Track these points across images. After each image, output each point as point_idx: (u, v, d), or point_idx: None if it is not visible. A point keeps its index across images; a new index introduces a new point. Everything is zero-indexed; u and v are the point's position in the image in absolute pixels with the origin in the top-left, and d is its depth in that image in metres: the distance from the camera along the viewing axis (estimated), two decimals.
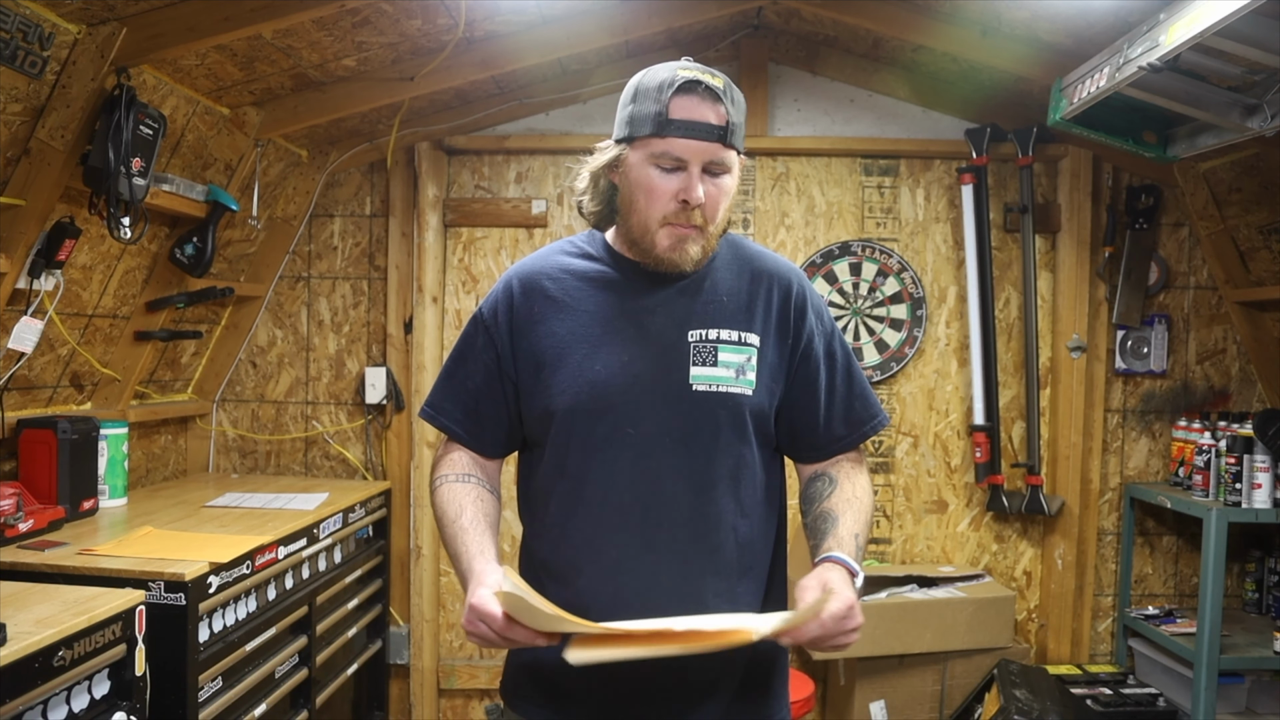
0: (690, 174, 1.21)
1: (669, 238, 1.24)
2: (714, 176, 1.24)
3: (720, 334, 1.27)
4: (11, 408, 2.31)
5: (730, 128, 1.22)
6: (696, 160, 1.21)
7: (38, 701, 1.48)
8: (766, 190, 3.22)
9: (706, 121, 1.20)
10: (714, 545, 1.27)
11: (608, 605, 1.23)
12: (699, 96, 1.21)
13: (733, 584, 1.28)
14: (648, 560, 1.24)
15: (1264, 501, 2.68)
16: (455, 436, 1.37)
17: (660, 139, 1.21)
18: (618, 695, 1.25)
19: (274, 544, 2.24)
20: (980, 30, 2.63)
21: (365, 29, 2.34)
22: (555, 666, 1.27)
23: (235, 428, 3.27)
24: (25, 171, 1.99)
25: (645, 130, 1.22)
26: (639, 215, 1.26)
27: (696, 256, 1.26)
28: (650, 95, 1.23)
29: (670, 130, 1.20)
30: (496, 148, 3.20)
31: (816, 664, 3.04)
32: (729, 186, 1.26)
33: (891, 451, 3.24)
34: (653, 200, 1.23)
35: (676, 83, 1.21)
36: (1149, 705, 2.80)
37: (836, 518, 1.28)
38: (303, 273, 3.27)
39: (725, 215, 1.28)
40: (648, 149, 1.23)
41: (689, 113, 1.20)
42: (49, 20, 1.84)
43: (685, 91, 1.21)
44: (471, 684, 3.19)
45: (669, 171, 1.22)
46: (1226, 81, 2.17)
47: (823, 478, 1.36)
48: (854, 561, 1.22)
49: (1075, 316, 3.15)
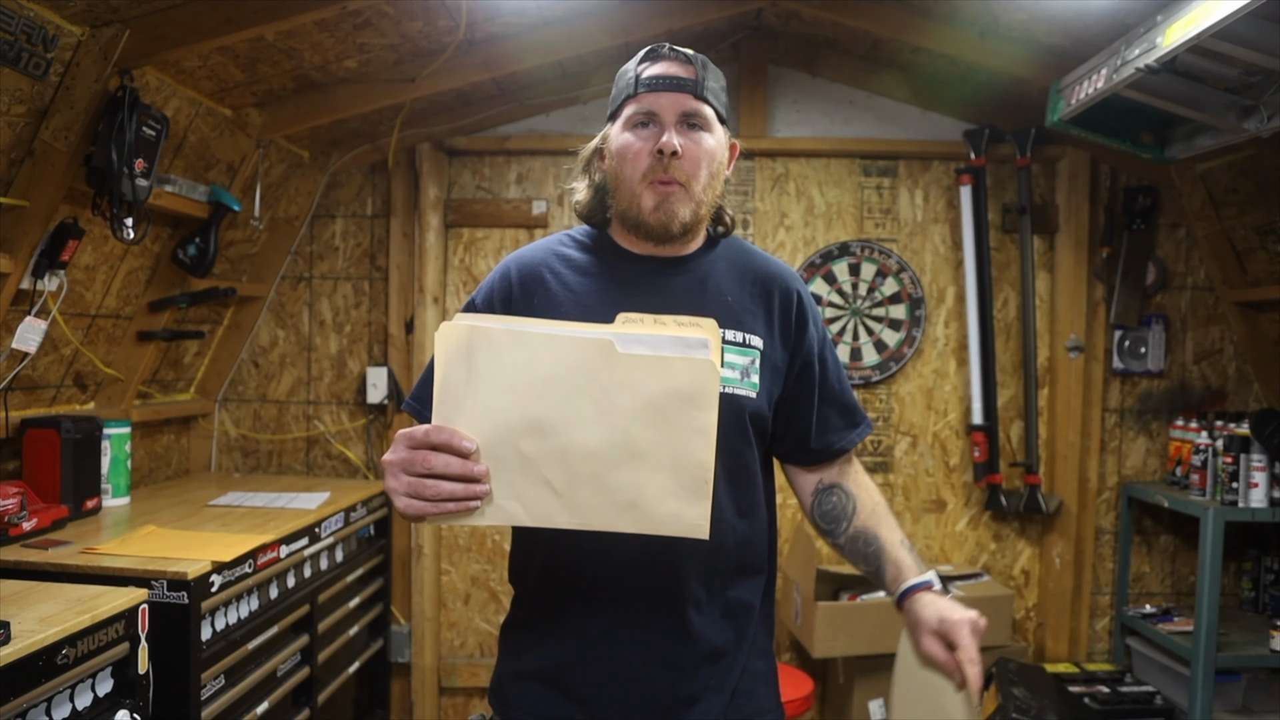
0: (664, 124, 1.24)
1: (653, 197, 1.24)
2: (691, 131, 1.25)
3: (726, 335, 1.26)
4: (15, 407, 2.32)
5: (701, 82, 1.25)
6: (669, 111, 1.24)
7: (41, 699, 1.50)
8: (766, 191, 3.23)
9: (675, 75, 1.25)
10: (712, 545, 1.27)
11: (605, 602, 1.24)
12: (667, 58, 1.27)
13: (730, 582, 1.29)
14: (644, 558, 1.25)
15: (1260, 500, 2.68)
16: None
17: (633, 99, 1.26)
18: (608, 701, 1.25)
19: (276, 543, 2.25)
20: (978, 32, 2.64)
21: (367, 30, 2.35)
22: (550, 674, 1.28)
23: (237, 427, 3.28)
24: (29, 172, 2.00)
25: (622, 99, 1.28)
26: (624, 184, 1.27)
27: (685, 219, 1.25)
28: (626, 71, 1.30)
29: (640, 88, 1.25)
30: (497, 149, 3.21)
31: (815, 663, 3.05)
32: (710, 145, 1.26)
33: (890, 451, 3.25)
34: (633, 161, 1.25)
35: (646, 50, 1.29)
36: (1146, 703, 2.81)
37: (879, 538, 1.32)
38: (305, 273, 3.28)
39: (714, 182, 1.28)
40: (624, 114, 1.27)
41: (658, 70, 1.26)
42: (53, 22, 1.85)
43: (653, 56, 1.28)
44: (473, 682, 3.20)
45: (645, 128, 1.25)
46: (1223, 83, 2.18)
47: (836, 491, 1.37)
48: (926, 575, 1.26)
49: (1073, 316, 3.16)
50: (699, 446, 1.04)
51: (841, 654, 2.87)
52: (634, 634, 1.24)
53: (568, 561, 1.27)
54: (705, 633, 1.26)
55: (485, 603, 3.26)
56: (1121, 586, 3.20)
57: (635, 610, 1.24)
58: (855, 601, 2.89)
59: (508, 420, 1.04)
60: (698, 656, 1.25)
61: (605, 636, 1.25)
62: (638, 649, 1.24)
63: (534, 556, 1.33)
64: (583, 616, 1.26)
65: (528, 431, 1.04)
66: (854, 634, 2.83)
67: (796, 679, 2.72)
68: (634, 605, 1.24)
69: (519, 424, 1.04)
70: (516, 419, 1.04)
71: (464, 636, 3.26)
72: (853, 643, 2.83)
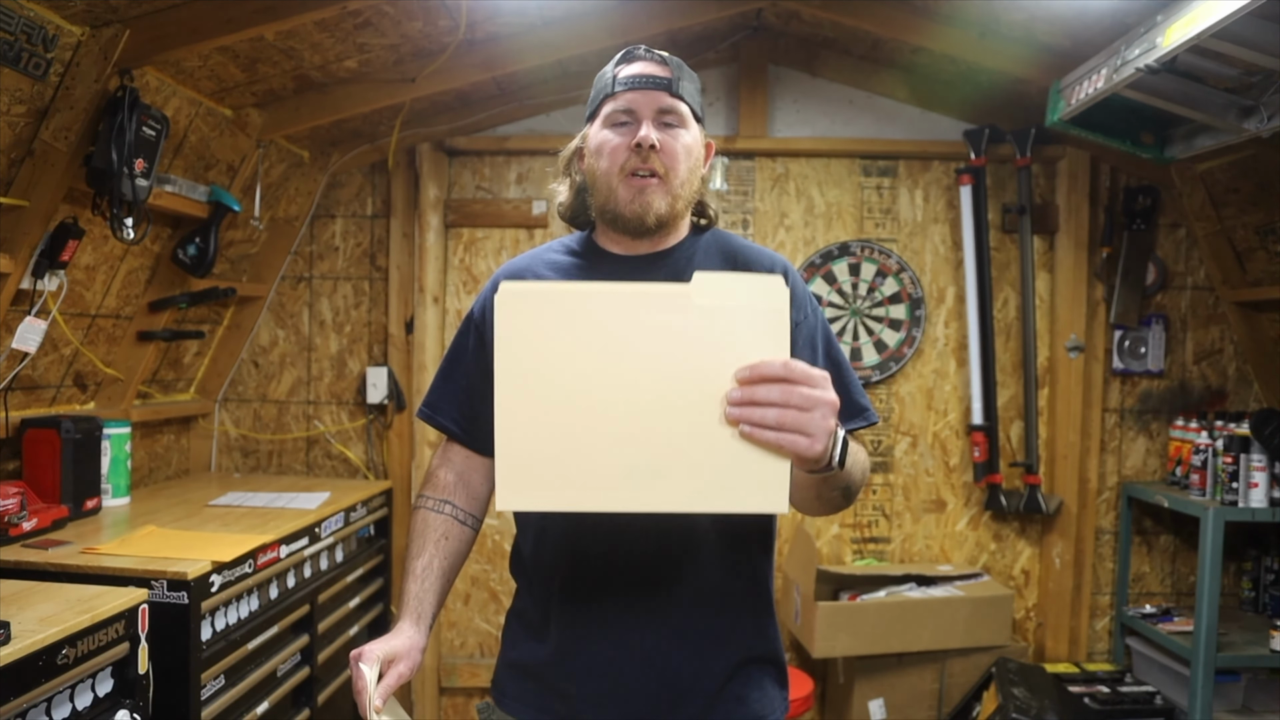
0: (641, 119, 1.26)
1: (629, 190, 1.26)
2: (669, 128, 1.27)
3: None
4: (15, 407, 2.32)
5: (676, 81, 1.28)
6: (646, 108, 1.27)
7: (41, 699, 1.50)
8: (766, 191, 3.23)
9: (651, 74, 1.28)
10: (704, 541, 1.27)
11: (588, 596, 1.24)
12: (643, 59, 1.30)
13: (722, 580, 1.28)
14: (630, 553, 1.24)
15: (1260, 500, 2.68)
16: (453, 435, 1.38)
17: (611, 98, 1.29)
18: (604, 695, 1.25)
19: (276, 543, 2.25)
20: (978, 32, 2.64)
21: (367, 30, 2.35)
22: (543, 667, 1.28)
23: (237, 427, 3.28)
24: (29, 172, 2.00)
25: (599, 99, 1.31)
26: (602, 178, 1.28)
27: (661, 211, 1.26)
28: (604, 73, 1.33)
29: (617, 87, 1.28)
30: (497, 149, 3.21)
31: (815, 662, 3.05)
32: (687, 141, 1.28)
33: (890, 451, 3.25)
34: (611, 155, 1.27)
35: (622, 52, 1.32)
36: (1146, 703, 2.81)
37: None
38: (304, 273, 3.28)
39: (691, 177, 1.29)
40: (602, 113, 1.30)
41: (634, 69, 1.29)
42: (52, 22, 1.85)
43: (629, 58, 1.31)
44: (473, 682, 3.20)
45: (622, 126, 1.27)
46: (1223, 83, 2.19)
47: None
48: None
49: (1073, 317, 3.16)
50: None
51: (841, 654, 2.87)
52: (618, 631, 1.24)
53: (554, 554, 1.28)
54: (692, 631, 1.25)
55: (485, 603, 3.26)
56: (1121, 586, 3.20)
57: (619, 606, 1.24)
58: (855, 601, 2.89)
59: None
60: (683, 656, 1.25)
61: (588, 632, 1.25)
62: (620, 646, 1.24)
63: (524, 549, 1.34)
64: (567, 611, 1.27)
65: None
66: (854, 634, 2.83)
67: (796, 679, 2.72)
68: (618, 601, 1.24)
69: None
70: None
71: (464, 636, 3.27)
72: (853, 643, 2.84)
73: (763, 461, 0.95)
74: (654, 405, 0.96)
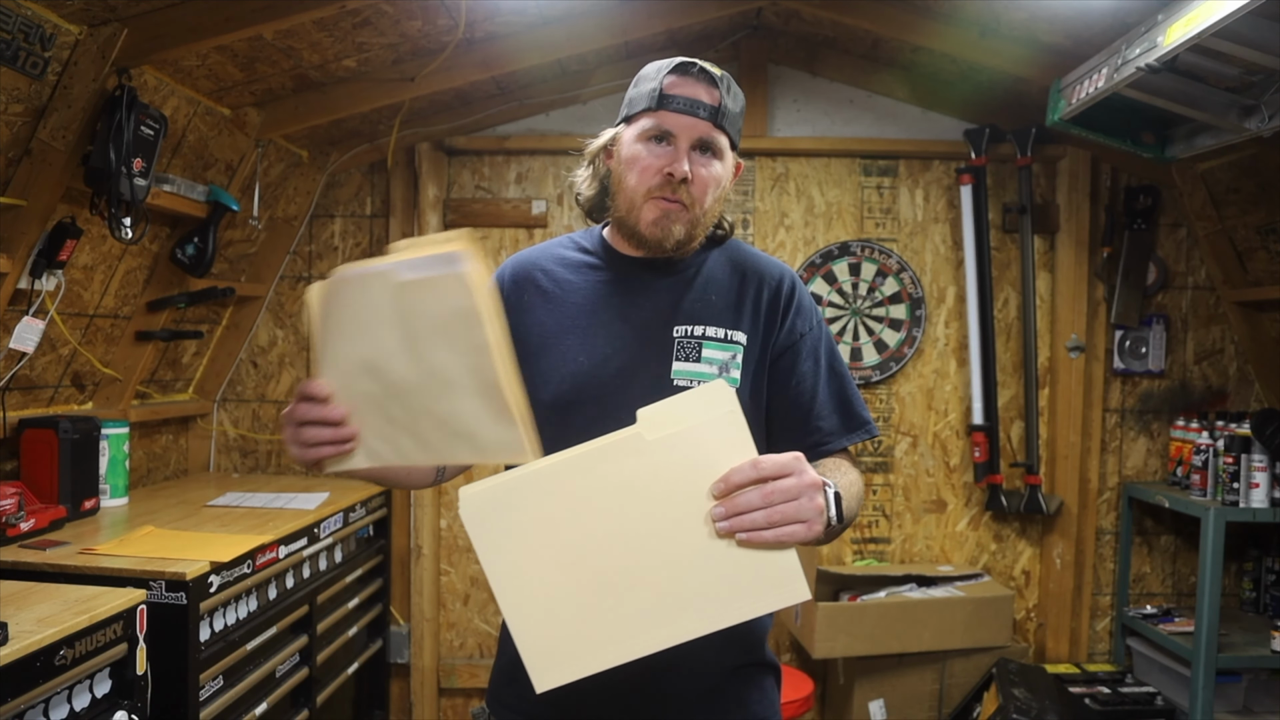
0: (678, 148, 1.23)
1: (653, 211, 1.25)
2: (703, 157, 1.25)
3: (706, 330, 1.27)
4: (13, 407, 2.31)
5: (723, 110, 1.24)
6: (685, 136, 1.24)
7: (39, 700, 1.49)
8: (766, 190, 3.23)
9: (698, 99, 1.24)
10: None
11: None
12: (694, 77, 1.25)
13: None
14: None
15: (1261, 501, 2.68)
16: None
17: (652, 113, 1.25)
18: (595, 700, 1.24)
19: (275, 543, 2.24)
20: (979, 31, 2.64)
21: (366, 30, 2.35)
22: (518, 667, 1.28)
23: (236, 427, 3.28)
24: (27, 172, 1.99)
25: (640, 107, 1.26)
26: (627, 192, 1.27)
27: (680, 237, 1.26)
28: (649, 77, 1.28)
29: (662, 104, 1.24)
30: (497, 148, 3.21)
31: (815, 663, 3.05)
32: (719, 173, 1.26)
33: (890, 451, 3.25)
34: (641, 174, 1.25)
35: (674, 63, 1.26)
36: (1147, 704, 2.81)
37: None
38: (304, 273, 3.27)
39: (715, 205, 1.28)
40: (640, 125, 1.26)
41: (682, 90, 1.24)
42: (50, 21, 1.84)
43: (681, 71, 1.25)
44: (472, 683, 3.20)
45: (658, 144, 1.25)
46: (1224, 82, 2.18)
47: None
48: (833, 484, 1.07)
49: (1074, 316, 3.15)
50: (484, 365, 0.98)
51: (841, 654, 2.87)
52: None
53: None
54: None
55: (485, 603, 3.25)
56: (1122, 587, 3.20)
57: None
58: (855, 602, 2.89)
59: (349, 364, 1.04)
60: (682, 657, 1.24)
61: None
62: None
63: None
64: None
65: (364, 372, 1.03)
66: (854, 634, 2.83)
67: (796, 679, 2.71)
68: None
69: (356, 365, 1.03)
70: (353, 361, 1.04)
71: (463, 637, 3.26)
72: (853, 643, 2.83)
73: (769, 559, 0.96)
74: (647, 546, 0.98)
